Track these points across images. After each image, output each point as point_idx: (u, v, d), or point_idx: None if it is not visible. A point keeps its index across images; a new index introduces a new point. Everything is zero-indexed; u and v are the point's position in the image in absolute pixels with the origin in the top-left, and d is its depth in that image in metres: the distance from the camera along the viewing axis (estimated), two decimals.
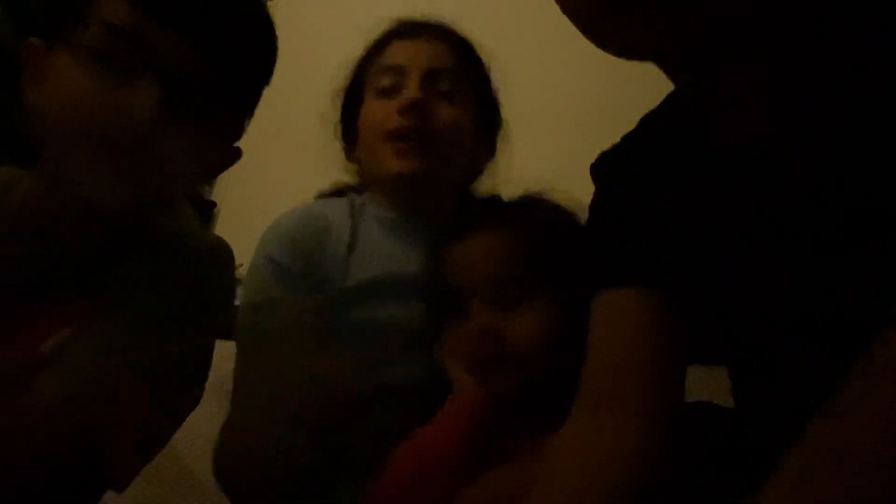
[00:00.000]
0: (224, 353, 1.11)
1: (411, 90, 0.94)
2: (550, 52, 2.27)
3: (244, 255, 1.98)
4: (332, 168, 1.10)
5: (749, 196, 0.57)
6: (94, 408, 0.65)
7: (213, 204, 2.31)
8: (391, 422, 0.85)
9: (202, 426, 0.86)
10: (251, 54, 0.72)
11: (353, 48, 1.08)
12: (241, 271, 1.93)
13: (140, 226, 0.75)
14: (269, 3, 0.77)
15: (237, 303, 1.81)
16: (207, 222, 2.27)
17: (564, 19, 0.56)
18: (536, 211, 0.88)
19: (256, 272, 0.94)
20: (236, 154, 0.79)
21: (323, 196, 1.08)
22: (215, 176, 0.79)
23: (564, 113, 2.07)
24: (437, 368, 0.82)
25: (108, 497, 0.82)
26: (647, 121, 0.70)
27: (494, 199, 0.95)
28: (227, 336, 1.25)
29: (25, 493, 0.63)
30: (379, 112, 0.96)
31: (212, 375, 0.94)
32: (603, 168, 0.72)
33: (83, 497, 0.74)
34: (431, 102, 0.94)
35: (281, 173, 2.49)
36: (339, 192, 1.07)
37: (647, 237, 0.64)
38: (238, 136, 0.78)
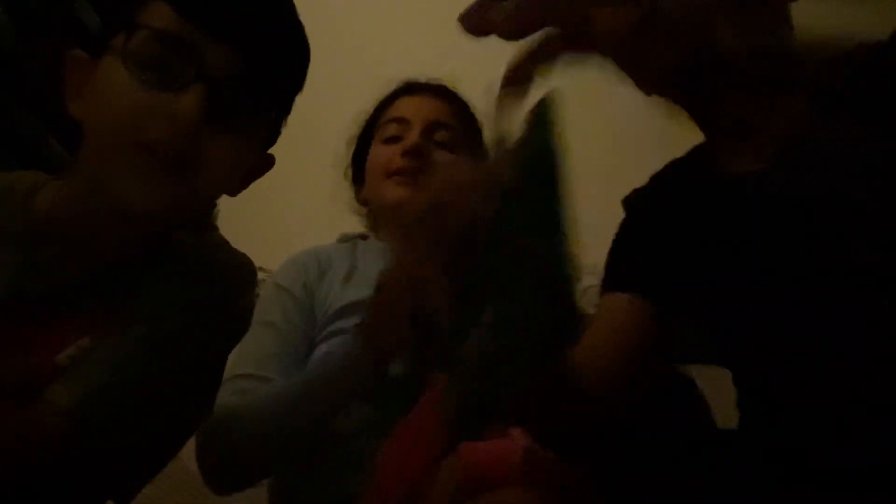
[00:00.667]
0: None
1: (412, 137, 1.09)
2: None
3: None
4: (332, 173, 1.17)
5: (754, 225, 0.65)
6: (102, 418, 0.64)
7: (213, 204, 2.30)
8: (377, 418, 0.88)
9: None
10: (289, 62, 0.74)
11: (355, 76, 1.21)
12: None
13: (170, 235, 0.75)
14: None
15: None
16: (207, 222, 2.27)
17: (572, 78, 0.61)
18: None
19: (265, 295, 1.06)
20: (269, 161, 0.79)
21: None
22: (249, 183, 0.79)
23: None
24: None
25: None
26: (671, 164, 0.82)
27: None
28: None
29: (30, 499, 0.63)
30: (383, 155, 1.11)
31: None
32: (630, 199, 0.85)
33: None
34: (429, 149, 1.09)
35: (280, 175, 2.49)
36: (347, 239, 1.22)
37: (652, 256, 0.77)
38: (272, 143, 0.78)
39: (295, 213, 2.05)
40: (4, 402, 0.62)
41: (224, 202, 0.80)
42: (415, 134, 1.09)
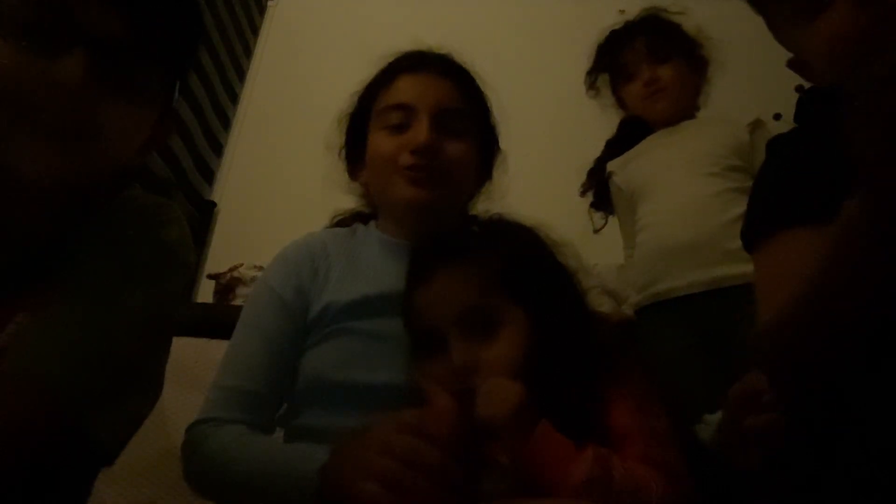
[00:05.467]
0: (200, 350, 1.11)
1: (422, 132, 0.98)
2: (542, 74, 2.30)
3: (243, 254, 1.99)
4: (334, 173, 1.15)
5: None
6: (53, 372, 0.63)
7: (213, 204, 2.31)
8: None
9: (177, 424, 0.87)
10: (175, 23, 0.71)
11: (356, 69, 1.12)
12: (242, 270, 1.94)
13: (85, 203, 0.73)
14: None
15: (239, 302, 1.81)
16: (207, 222, 2.28)
17: (557, 47, 0.60)
18: (496, 235, 0.88)
19: (257, 293, 1.02)
20: (170, 127, 0.77)
21: (335, 223, 1.17)
22: (154, 148, 0.78)
23: (557, 138, 2.11)
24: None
25: (108, 497, 0.81)
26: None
27: (453, 233, 0.97)
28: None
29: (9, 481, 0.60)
30: (389, 147, 1.01)
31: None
32: (778, 143, 0.84)
33: (75, 480, 0.71)
34: (441, 141, 0.99)
35: (280, 174, 2.50)
36: (346, 221, 1.15)
37: (827, 184, 0.71)
38: (169, 106, 0.76)
39: (294, 209, 2.05)
40: None
41: (224, 200, 0.79)
42: (424, 128, 0.99)
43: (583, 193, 1.73)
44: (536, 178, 1.53)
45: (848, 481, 0.61)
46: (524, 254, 0.85)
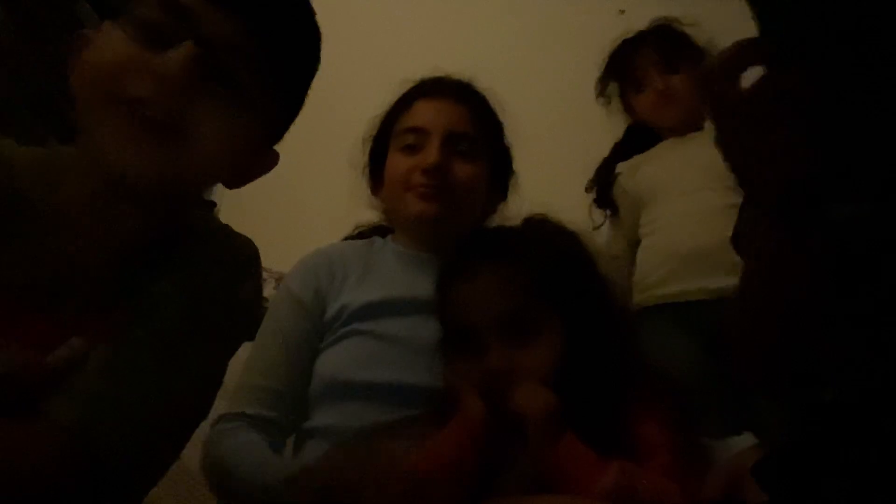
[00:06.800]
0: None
1: (432, 154, 1.06)
2: (558, 101, 2.31)
3: None
4: (335, 174, 1.22)
5: None
6: (106, 433, 0.60)
7: (213, 204, 2.31)
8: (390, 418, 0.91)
9: (203, 426, 0.86)
10: (292, 42, 0.71)
11: (354, 74, 1.17)
12: None
13: (176, 220, 0.72)
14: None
15: None
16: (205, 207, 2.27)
17: (559, 48, 0.60)
18: (541, 238, 0.89)
19: (278, 297, 1.08)
20: (273, 157, 0.78)
21: (355, 234, 1.26)
22: (252, 178, 0.77)
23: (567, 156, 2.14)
24: (436, 378, 0.84)
25: None
26: None
27: (498, 231, 0.98)
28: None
29: None
30: (403, 167, 1.09)
31: None
32: None
33: None
34: (450, 162, 1.07)
35: (280, 174, 2.49)
36: (365, 234, 1.24)
37: None
38: (276, 139, 0.77)
39: (303, 211, 2.05)
40: None
41: (230, 204, 0.78)
42: (434, 149, 1.06)
43: (588, 190, 1.74)
44: (539, 180, 1.54)
45: (848, 481, 0.62)
46: (569, 262, 0.85)
